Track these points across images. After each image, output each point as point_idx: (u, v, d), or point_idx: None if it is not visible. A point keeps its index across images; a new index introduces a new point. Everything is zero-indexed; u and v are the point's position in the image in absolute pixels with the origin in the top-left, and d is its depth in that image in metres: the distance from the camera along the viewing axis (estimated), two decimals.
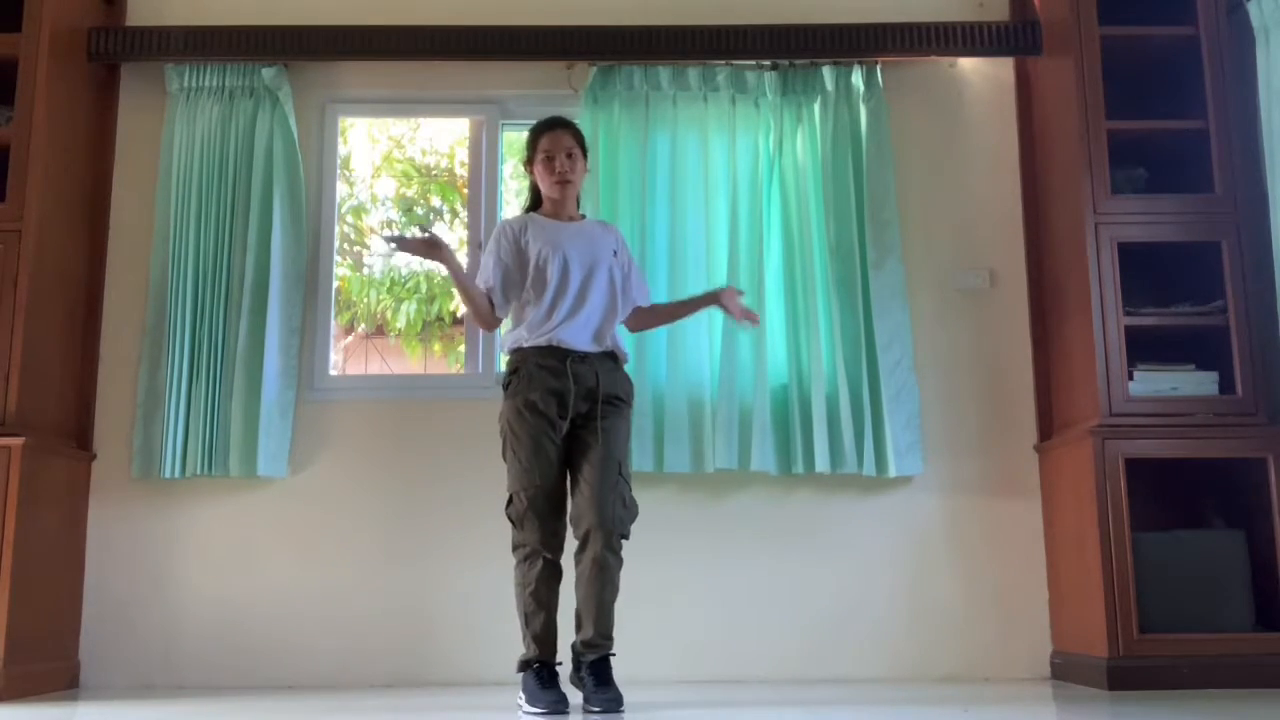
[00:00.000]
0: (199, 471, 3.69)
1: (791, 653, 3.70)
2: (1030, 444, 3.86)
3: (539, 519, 2.95)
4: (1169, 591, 3.34)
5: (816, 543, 3.78)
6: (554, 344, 3.01)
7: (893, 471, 3.71)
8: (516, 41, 3.93)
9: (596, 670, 2.93)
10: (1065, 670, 3.60)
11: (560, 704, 2.89)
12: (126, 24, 4.04)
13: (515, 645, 3.70)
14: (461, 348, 4.12)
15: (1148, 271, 3.63)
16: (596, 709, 2.86)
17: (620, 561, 2.96)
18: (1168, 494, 3.58)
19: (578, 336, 3.03)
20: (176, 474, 3.68)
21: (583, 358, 3.02)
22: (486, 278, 3.11)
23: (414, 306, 6.08)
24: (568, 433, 3.00)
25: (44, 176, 3.57)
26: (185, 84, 3.93)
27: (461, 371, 4.10)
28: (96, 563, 3.74)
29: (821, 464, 3.69)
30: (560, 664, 3.01)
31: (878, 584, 3.76)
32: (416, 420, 3.87)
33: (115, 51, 3.91)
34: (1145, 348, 3.55)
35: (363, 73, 4.07)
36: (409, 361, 6.39)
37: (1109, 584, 3.29)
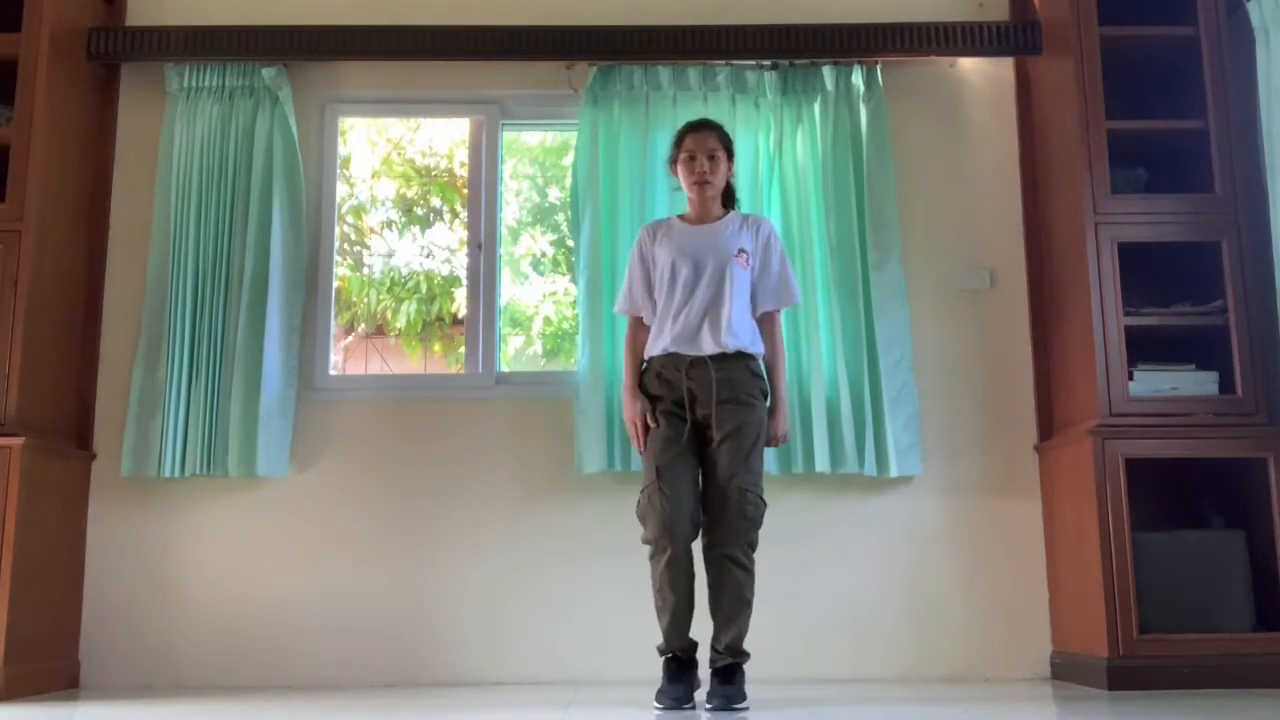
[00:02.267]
0: (198, 471, 3.68)
1: (791, 653, 3.70)
2: (1030, 444, 3.86)
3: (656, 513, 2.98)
4: (1169, 592, 3.34)
5: (816, 543, 3.78)
6: (669, 352, 3.07)
7: (893, 472, 3.71)
8: (516, 42, 3.94)
9: (722, 673, 2.98)
10: (1065, 670, 3.60)
11: (680, 701, 2.92)
12: (126, 24, 4.04)
13: (515, 645, 3.71)
14: (461, 348, 4.12)
15: (1148, 271, 3.64)
16: (710, 705, 2.91)
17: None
18: (1168, 494, 3.59)
19: (684, 343, 3.07)
20: (175, 474, 3.68)
21: (695, 363, 3.05)
22: (636, 299, 3.19)
23: (414, 306, 6.07)
24: (698, 437, 3.05)
25: (44, 176, 3.57)
26: (185, 84, 3.93)
27: (461, 371, 4.10)
28: (96, 562, 3.74)
29: (821, 464, 3.69)
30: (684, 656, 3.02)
31: (878, 584, 3.76)
32: (416, 420, 3.87)
33: (115, 51, 3.91)
34: (1145, 347, 3.55)
35: (363, 73, 4.07)
36: (409, 361, 6.38)
37: (1109, 584, 3.29)
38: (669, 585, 2.96)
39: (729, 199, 3.27)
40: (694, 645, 3.04)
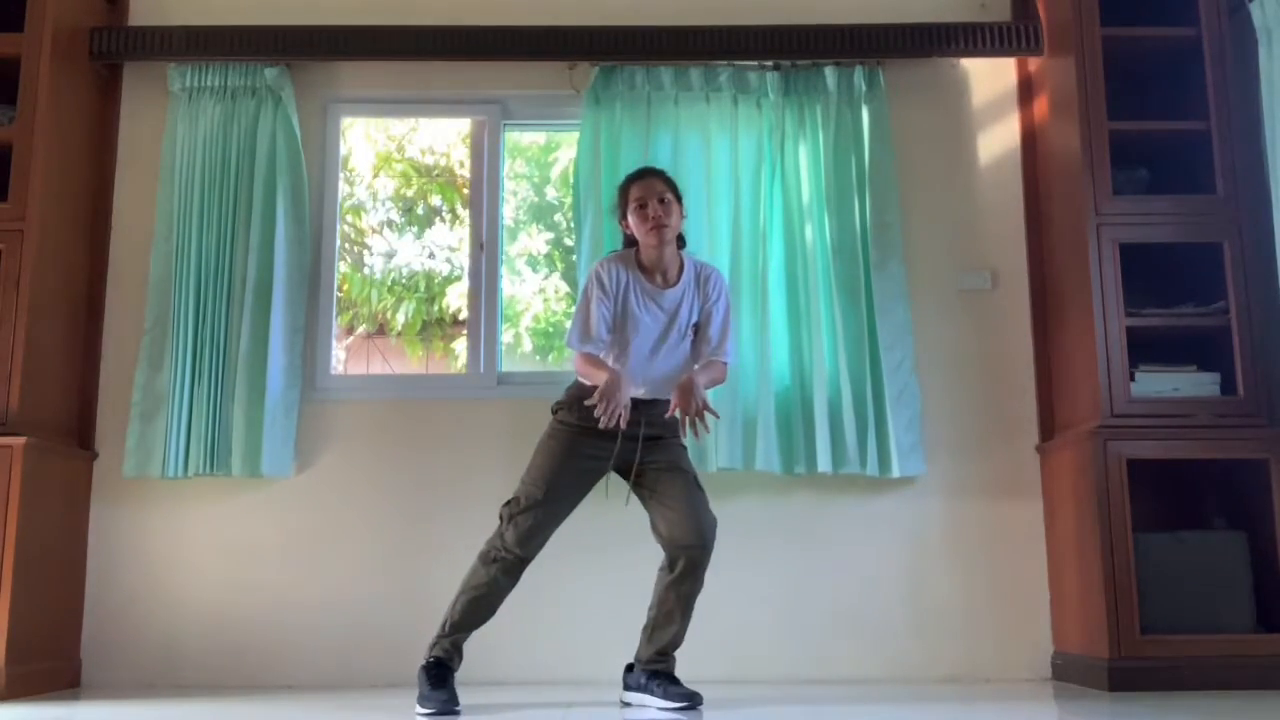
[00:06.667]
0: (201, 471, 3.69)
1: (793, 653, 3.71)
2: (1032, 444, 3.86)
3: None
4: (1170, 592, 3.34)
5: (818, 543, 3.78)
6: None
7: (895, 472, 3.71)
8: (518, 42, 3.94)
9: (669, 675, 3.03)
10: (1066, 671, 3.60)
11: (448, 705, 2.93)
12: (129, 24, 4.04)
13: (515, 646, 3.71)
14: (463, 348, 4.12)
15: (1149, 272, 3.64)
16: (679, 705, 2.92)
17: None
18: (1169, 495, 3.59)
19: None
20: (179, 474, 3.68)
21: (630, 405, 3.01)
22: (600, 335, 3.04)
23: (413, 306, 6.07)
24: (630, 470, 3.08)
25: (46, 176, 3.58)
26: (187, 84, 3.93)
27: (463, 371, 4.10)
28: (98, 562, 3.74)
29: (824, 464, 3.69)
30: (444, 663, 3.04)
31: (879, 584, 3.76)
32: (418, 420, 3.87)
33: (117, 51, 3.91)
34: (1147, 348, 3.55)
35: (365, 72, 4.07)
36: (410, 361, 6.39)
37: (1110, 585, 3.29)
38: (492, 590, 3.02)
39: (679, 241, 3.18)
40: (461, 654, 3.07)
